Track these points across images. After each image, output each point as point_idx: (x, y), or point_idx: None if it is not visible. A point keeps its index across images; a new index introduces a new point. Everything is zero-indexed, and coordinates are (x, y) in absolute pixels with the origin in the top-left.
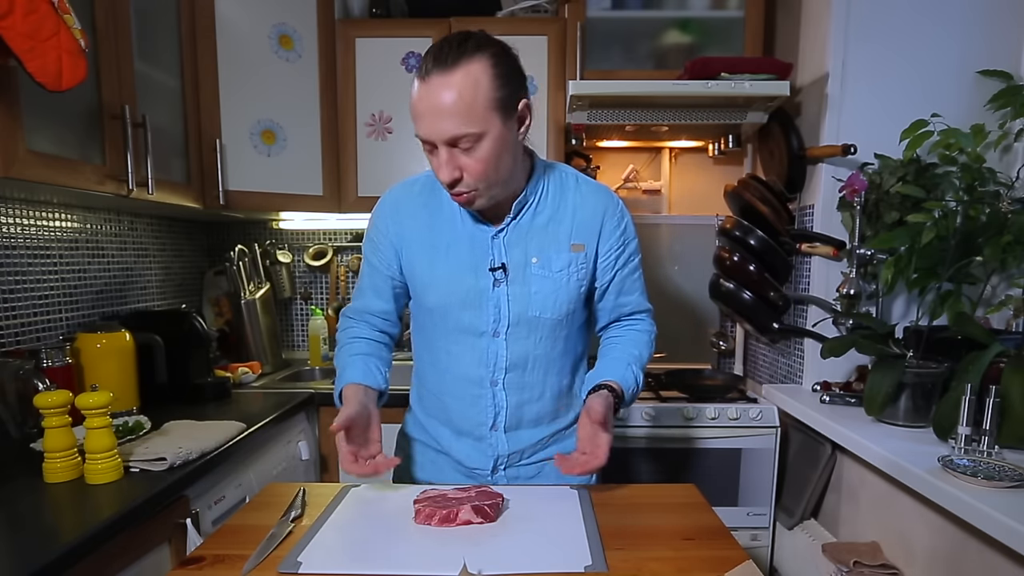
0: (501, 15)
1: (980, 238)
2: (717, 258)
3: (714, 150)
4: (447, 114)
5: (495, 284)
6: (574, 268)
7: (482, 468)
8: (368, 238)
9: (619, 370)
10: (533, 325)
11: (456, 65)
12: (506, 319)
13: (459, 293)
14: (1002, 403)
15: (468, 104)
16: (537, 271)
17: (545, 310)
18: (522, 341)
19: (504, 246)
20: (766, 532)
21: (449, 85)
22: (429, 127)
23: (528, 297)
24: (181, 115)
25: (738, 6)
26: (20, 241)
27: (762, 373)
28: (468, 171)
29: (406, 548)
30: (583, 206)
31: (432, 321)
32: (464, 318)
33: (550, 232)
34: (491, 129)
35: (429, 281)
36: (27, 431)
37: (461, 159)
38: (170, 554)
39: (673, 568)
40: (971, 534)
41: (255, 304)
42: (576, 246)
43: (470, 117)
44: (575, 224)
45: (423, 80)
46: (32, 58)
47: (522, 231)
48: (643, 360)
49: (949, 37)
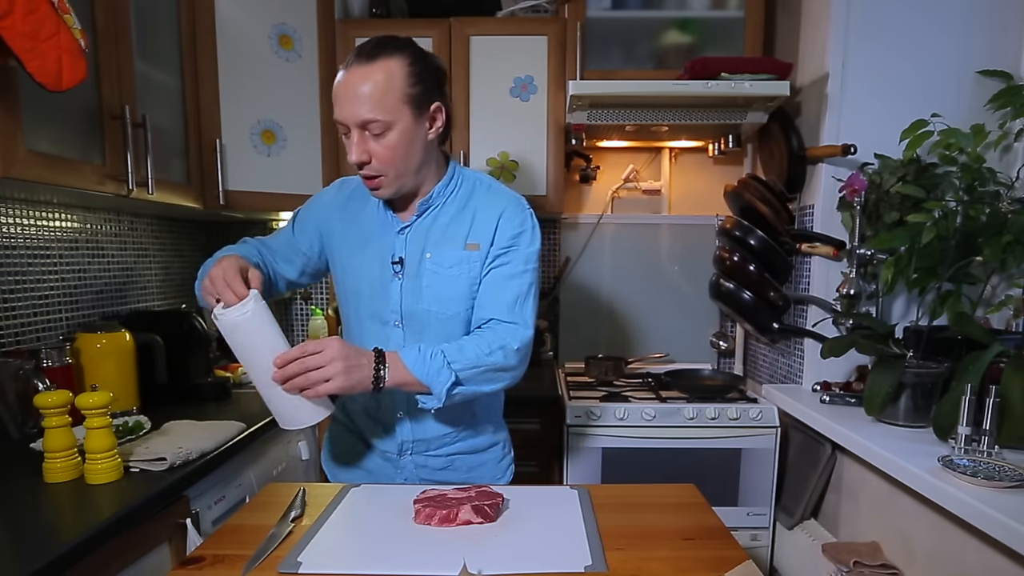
0: (501, 15)
1: (980, 238)
2: (717, 258)
3: (714, 150)
4: (361, 100)
5: (395, 276)
6: (466, 266)
7: (390, 451)
8: (298, 214)
9: (411, 348)
10: (424, 319)
11: (375, 59)
12: (401, 310)
13: (369, 281)
14: (1002, 403)
15: (381, 93)
16: (430, 266)
17: (433, 304)
18: (416, 333)
19: (406, 241)
20: (766, 532)
21: (366, 74)
22: (344, 110)
23: (419, 291)
24: (181, 115)
25: (738, 6)
26: (20, 241)
27: (762, 373)
28: (376, 156)
29: (406, 548)
30: (485, 208)
31: (349, 307)
32: (373, 305)
33: (449, 232)
34: (400, 120)
35: (347, 268)
36: (27, 431)
37: (371, 144)
38: (170, 554)
39: (673, 568)
40: (971, 534)
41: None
42: (471, 245)
43: (381, 105)
44: (474, 225)
45: (345, 69)
46: (32, 58)
47: (424, 229)
48: (465, 352)
49: (949, 37)
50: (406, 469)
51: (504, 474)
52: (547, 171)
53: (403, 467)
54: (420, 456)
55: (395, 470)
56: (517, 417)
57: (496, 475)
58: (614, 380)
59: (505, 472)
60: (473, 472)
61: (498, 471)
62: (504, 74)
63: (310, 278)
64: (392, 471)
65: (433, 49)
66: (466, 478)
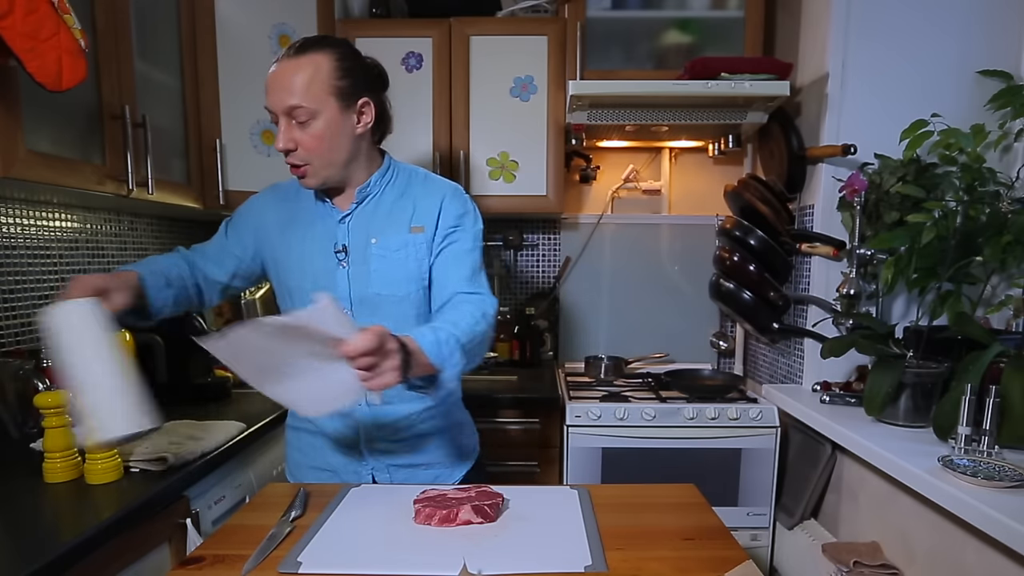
0: (501, 15)
1: (980, 238)
2: (717, 258)
3: (714, 150)
4: (288, 88)
5: (339, 264)
6: (412, 248)
7: (350, 438)
8: (231, 218)
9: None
10: (375, 303)
11: (303, 52)
12: (350, 298)
13: (311, 274)
14: (1002, 403)
15: (307, 82)
16: (376, 251)
17: (383, 287)
18: (367, 319)
19: (348, 229)
20: (766, 532)
21: (295, 66)
22: (272, 97)
23: (368, 275)
24: (181, 115)
25: (738, 6)
26: (20, 241)
27: (762, 373)
28: (302, 145)
29: (406, 548)
30: (426, 195)
31: (291, 301)
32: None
33: (392, 217)
34: (325, 111)
35: (287, 264)
36: (27, 431)
37: (297, 132)
38: (170, 554)
39: (673, 568)
40: (971, 534)
41: (255, 304)
42: (416, 228)
43: (307, 94)
44: (416, 210)
45: (277, 62)
46: (32, 58)
47: (366, 216)
48: (460, 326)
49: (949, 37)
50: (375, 458)
51: (473, 448)
52: (547, 171)
53: (371, 455)
54: (384, 442)
55: (360, 464)
56: (517, 417)
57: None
58: (614, 380)
59: (474, 448)
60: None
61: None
62: (504, 74)
63: (243, 281)
64: (358, 466)
65: (433, 49)
66: (435, 456)
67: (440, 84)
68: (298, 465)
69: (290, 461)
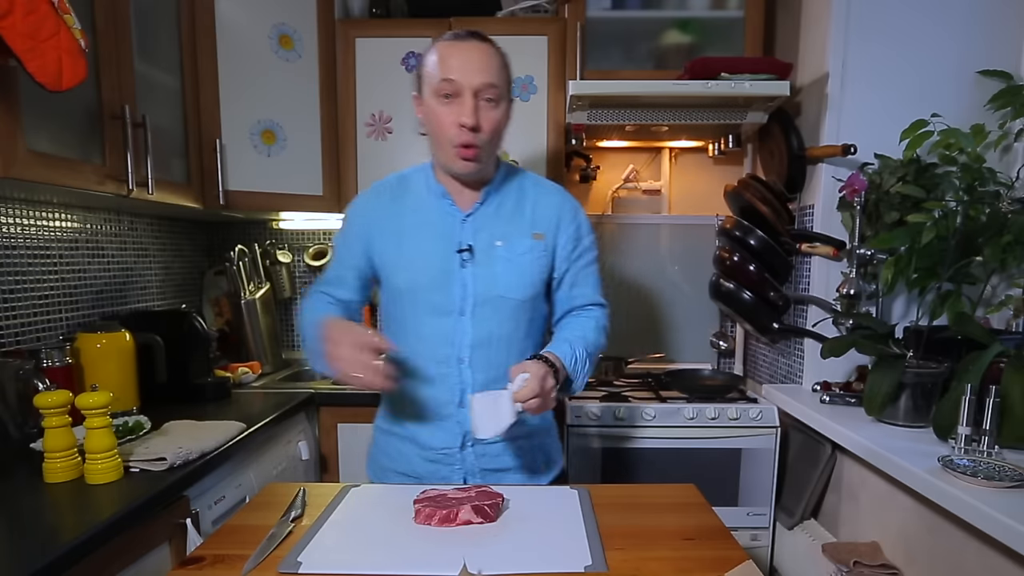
0: (501, 15)
1: (980, 238)
2: (717, 258)
3: (714, 150)
4: (484, 65)
5: (462, 264)
6: (536, 254)
7: (449, 447)
8: (340, 233)
9: (558, 346)
10: (497, 305)
11: (485, 40)
12: (471, 298)
13: (428, 273)
14: (1002, 403)
15: (499, 67)
16: (502, 253)
17: (508, 290)
18: (487, 321)
19: (472, 229)
20: (766, 532)
21: (484, 48)
22: (464, 72)
23: (493, 277)
24: (181, 115)
25: (738, 6)
26: (20, 241)
27: (762, 373)
28: (485, 124)
29: (406, 548)
30: (541, 202)
31: (402, 303)
32: (432, 298)
33: (514, 219)
34: (505, 99)
35: (398, 263)
36: (27, 431)
37: (483, 111)
38: (170, 554)
39: (673, 568)
40: (971, 534)
41: (255, 304)
42: (537, 235)
43: (500, 75)
44: (535, 215)
45: (458, 40)
46: (32, 58)
47: (488, 216)
48: (588, 340)
49: (949, 37)
50: (467, 461)
51: (558, 460)
52: (547, 171)
53: (462, 460)
54: (479, 446)
55: (449, 468)
56: None
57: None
58: (614, 380)
59: (558, 459)
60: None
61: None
62: None
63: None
64: (446, 470)
65: None
66: (522, 461)
67: None
68: (383, 468)
69: (373, 461)
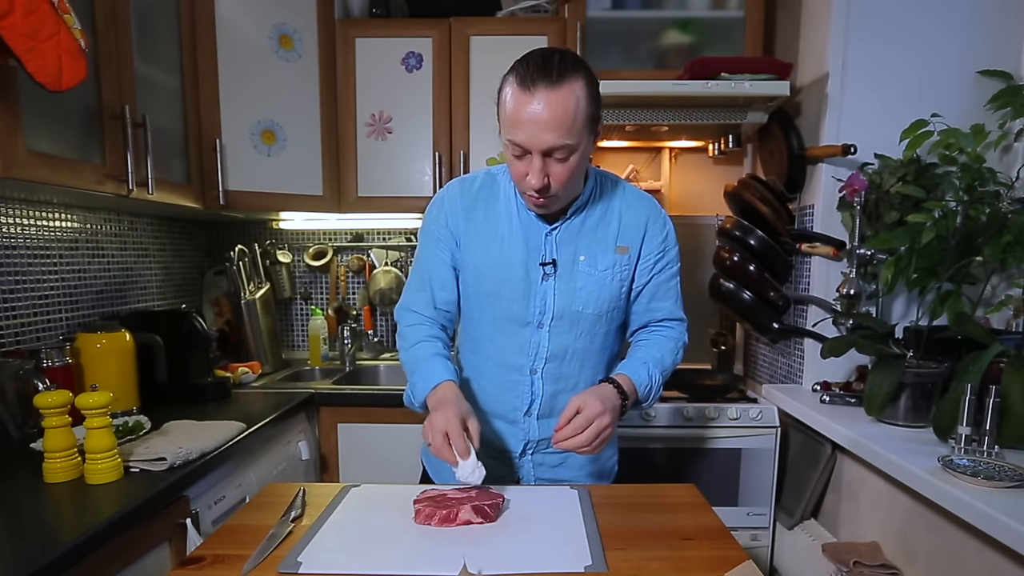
0: (501, 15)
1: (980, 238)
2: (717, 258)
3: (714, 150)
4: (551, 127)
5: (544, 278)
6: (618, 269)
7: (512, 450)
8: (427, 232)
9: (633, 367)
10: (575, 319)
11: (562, 81)
12: (551, 312)
13: (510, 283)
14: (1002, 403)
15: (571, 119)
16: (584, 268)
17: (588, 305)
18: (564, 334)
19: (556, 243)
20: (766, 532)
21: (556, 99)
22: (530, 136)
23: (573, 292)
24: (181, 115)
25: (738, 6)
26: (20, 241)
27: (762, 373)
28: (555, 179)
29: (406, 548)
30: (629, 211)
31: (480, 309)
32: (512, 308)
33: (598, 234)
34: (582, 143)
35: (483, 269)
36: (27, 431)
37: (552, 167)
38: (170, 554)
39: (673, 568)
40: (971, 534)
41: (255, 304)
42: (621, 248)
43: (571, 131)
44: (621, 227)
45: (527, 90)
46: (32, 58)
47: (573, 231)
48: (664, 363)
49: (949, 37)
50: (524, 468)
51: (612, 470)
52: None
53: (521, 466)
54: (540, 454)
55: (508, 471)
56: None
57: (607, 467)
58: None
59: (612, 470)
60: (584, 469)
61: (609, 464)
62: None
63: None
64: (505, 472)
65: (433, 49)
66: (576, 476)
67: (440, 84)
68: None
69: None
